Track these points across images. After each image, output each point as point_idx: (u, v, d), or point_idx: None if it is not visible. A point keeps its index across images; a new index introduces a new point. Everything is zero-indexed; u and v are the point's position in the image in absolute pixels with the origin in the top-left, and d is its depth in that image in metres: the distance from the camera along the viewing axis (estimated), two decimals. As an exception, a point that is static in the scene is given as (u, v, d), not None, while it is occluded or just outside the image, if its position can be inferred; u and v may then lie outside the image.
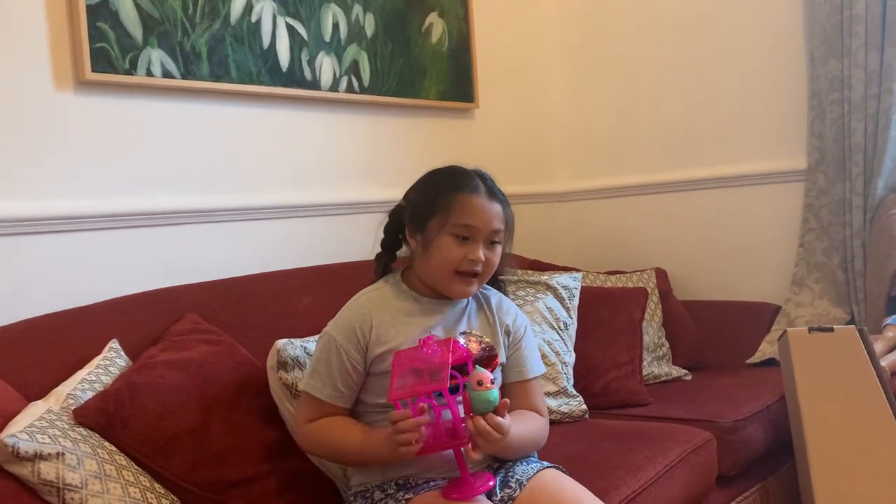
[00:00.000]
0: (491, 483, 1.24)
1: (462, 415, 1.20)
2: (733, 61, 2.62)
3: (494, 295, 1.46)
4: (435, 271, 1.35)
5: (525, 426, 1.35)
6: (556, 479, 1.32)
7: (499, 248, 1.37)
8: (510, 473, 1.31)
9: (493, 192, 1.37)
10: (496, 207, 1.36)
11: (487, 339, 1.40)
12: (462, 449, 1.20)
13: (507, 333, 1.43)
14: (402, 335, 1.33)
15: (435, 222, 1.33)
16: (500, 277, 1.47)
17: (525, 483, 1.29)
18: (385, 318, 1.35)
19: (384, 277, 1.43)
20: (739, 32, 2.60)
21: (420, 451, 1.18)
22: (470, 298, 1.42)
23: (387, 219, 1.44)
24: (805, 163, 2.49)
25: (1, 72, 1.58)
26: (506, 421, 1.20)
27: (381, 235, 1.44)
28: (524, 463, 1.35)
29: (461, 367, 1.22)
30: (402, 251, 1.44)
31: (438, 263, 1.34)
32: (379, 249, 1.45)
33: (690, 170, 2.73)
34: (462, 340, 1.36)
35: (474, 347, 1.38)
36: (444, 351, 1.20)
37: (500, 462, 1.36)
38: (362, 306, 1.37)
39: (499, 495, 1.28)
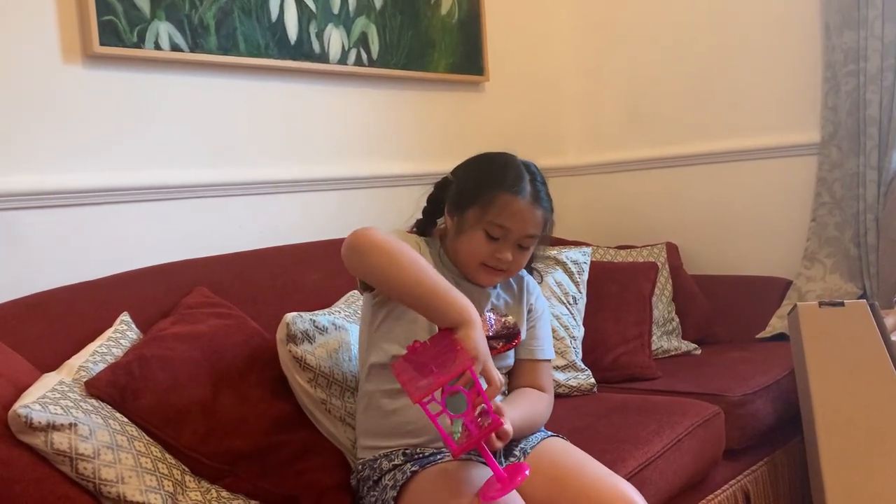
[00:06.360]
0: (527, 472, 1.11)
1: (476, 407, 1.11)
2: (746, 32, 2.58)
3: (524, 274, 1.48)
4: (462, 257, 1.37)
5: (522, 409, 1.34)
6: (560, 446, 1.36)
7: (530, 250, 1.37)
8: (513, 443, 1.34)
9: (539, 198, 1.34)
10: (537, 214, 1.34)
11: (512, 318, 1.42)
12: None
13: (529, 311, 1.47)
14: None
15: (473, 212, 1.34)
16: (533, 265, 1.49)
17: (529, 451, 1.34)
18: None
19: (426, 239, 1.43)
20: (753, 2, 2.56)
21: (460, 449, 1.09)
22: None
23: (432, 189, 1.45)
24: (818, 136, 2.46)
25: (9, 46, 1.58)
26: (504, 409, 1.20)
27: (425, 204, 1.45)
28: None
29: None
30: (441, 222, 1.44)
31: (467, 252, 1.36)
32: (420, 216, 1.46)
33: (702, 143, 2.70)
34: (489, 316, 1.39)
35: (498, 324, 1.40)
36: (444, 345, 1.12)
37: None
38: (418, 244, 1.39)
39: (503, 464, 1.29)
